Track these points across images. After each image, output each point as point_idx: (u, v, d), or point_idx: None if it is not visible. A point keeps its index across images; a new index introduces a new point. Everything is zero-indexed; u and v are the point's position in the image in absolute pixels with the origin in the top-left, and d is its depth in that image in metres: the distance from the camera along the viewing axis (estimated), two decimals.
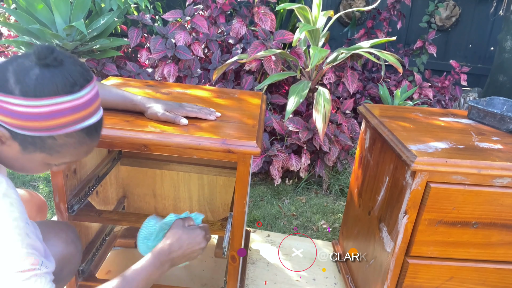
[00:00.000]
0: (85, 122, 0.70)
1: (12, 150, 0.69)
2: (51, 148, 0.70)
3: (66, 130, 0.68)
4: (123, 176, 1.53)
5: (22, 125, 0.65)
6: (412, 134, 1.14)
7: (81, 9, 2.56)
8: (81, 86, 0.68)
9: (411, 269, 1.10)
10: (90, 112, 0.71)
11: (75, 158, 0.75)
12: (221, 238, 1.58)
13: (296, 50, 2.21)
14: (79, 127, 0.70)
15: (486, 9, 3.74)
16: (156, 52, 2.24)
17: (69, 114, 0.67)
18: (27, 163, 0.72)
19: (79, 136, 0.71)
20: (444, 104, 2.87)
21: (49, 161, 0.73)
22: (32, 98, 0.64)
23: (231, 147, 0.94)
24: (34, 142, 0.68)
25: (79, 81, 0.68)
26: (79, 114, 0.69)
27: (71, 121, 0.68)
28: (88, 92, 0.70)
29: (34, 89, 0.64)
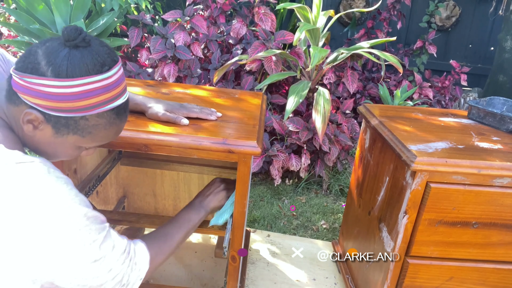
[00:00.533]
0: (115, 102, 0.72)
1: (45, 135, 0.70)
2: (83, 130, 0.71)
3: (98, 110, 0.70)
4: (123, 176, 1.53)
5: (56, 106, 0.67)
6: (412, 134, 1.14)
7: (81, 9, 2.56)
8: (110, 66, 0.70)
9: (411, 269, 1.10)
10: (119, 92, 0.73)
11: (105, 139, 0.76)
12: (221, 238, 1.58)
13: (296, 50, 2.21)
14: (110, 107, 0.71)
15: (486, 9, 3.74)
16: (156, 52, 2.24)
17: (100, 93, 0.69)
18: (60, 147, 0.73)
19: (109, 116, 0.72)
20: (444, 104, 2.87)
21: (81, 144, 0.74)
22: (65, 78, 0.65)
23: (232, 147, 0.94)
24: (67, 124, 0.69)
25: (107, 61, 0.70)
26: (110, 94, 0.71)
27: (102, 100, 0.70)
28: (116, 72, 0.71)
29: (66, 70, 0.65)
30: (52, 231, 0.64)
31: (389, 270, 1.12)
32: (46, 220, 0.64)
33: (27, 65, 0.66)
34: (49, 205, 0.65)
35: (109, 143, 0.97)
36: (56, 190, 0.66)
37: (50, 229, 0.64)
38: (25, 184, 0.64)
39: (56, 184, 0.66)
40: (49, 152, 0.75)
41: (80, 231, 0.66)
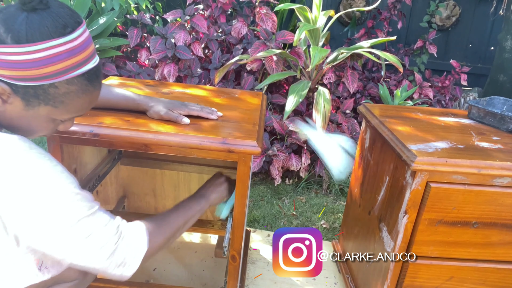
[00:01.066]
0: (84, 66, 0.69)
1: (16, 108, 0.67)
2: (54, 99, 0.68)
3: (66, 76, 0.67)
4: (123, 175, 1.53)
5: (21, 75, 0.64)
6: (412, 134, 1.14)
7: (81, 9, 2.56)
8: (73, 28, 0.67)
9: (411, 269, 1.10)
10: (87, 55, 0.69)
11: (80, 109, 0.73)
12: (221, 238, 1.58)
13: (296, 50, 2.21)
14: (79, 72, 0.68)
15: (486, 9, 3.74)
16: (156, 53, 2.24)
17: (66, 58, 0.66)
18: (34, 121, 0.70)
19: (80, 82, 0.69)
20: (444, 104, 2.87)
21: (55, 115, 0.71)
22: (25, 44, 0.62)
23: (232, 147, 0.94)
24: (36, 94, 0.66)
25: (69, 23, 0.66)
26: (77, 58, 0.67)
27: (70, 65, 0.67)
28: (80, 34, 0.68)
29: (26, 34, 0.62)
30: (39, 207, 0.63)
31: (389, 270, 1.12)
32: (32, 196, 0.62)
33: None
34: (35, 180, 0.63)
35: (109, 143, 0.97)
36: (40, 165, 0.64)
37: (38, 205, 0.63)
38: (6, 160, 0.62)
39: (40, 160, 0.64)
40: (23, 127, 0.71)
41: (69, 206, 0.65)
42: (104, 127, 0.95)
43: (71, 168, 1.10)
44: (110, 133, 0.95)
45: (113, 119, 1.00)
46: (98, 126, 0.95)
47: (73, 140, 0.98)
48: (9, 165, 0.62)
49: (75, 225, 0.66)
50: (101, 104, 1.04)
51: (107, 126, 0.96)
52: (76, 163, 1.14)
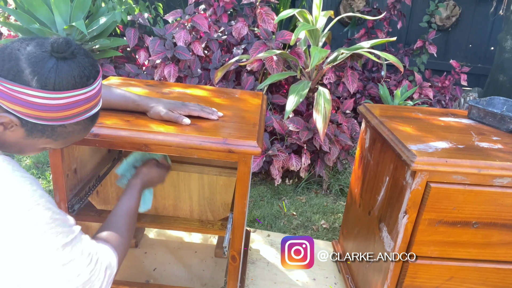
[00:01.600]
0: (93, 110, 0.73)
1: (16, 135, 0.69)
2: (58, 135, 0.71)
3: (77, 119, 0.70)
4: None
5: (38, 115, 0.66)
6: (412, 134, 1.14)
7: (81, 9, 2.56)
8: (94, 79, 0.71)
9: (411, 269, 1.10)
10: (97, 101, 0.74)
11: (73, 141, 0.77)
12: (222, 238, 1.58)
13: (296, 50, 2.21)
14: (88, 115, 0.72)
15: (486, 9, 3.74)
16: (156, 54, 2.24)
17: (82, 104, 0.70)
18: (27, 147, 0.72)
19: (85, 123, 0.73)
20: (444, 104, 2.87)
21: (51, 146, 0.74)
22: (52, 91, 0.65)
23: (232, 147, 0.94)
24: (43, 130, 0.69)
25: (92, 74, 0.70)
26: (91, 104, 0.72)
27: (83, 110, 0.71)
28: (99, 83, 0.72)
29: (54, 82, 0.65)
30: (15, 234, 0.62)
31: (389, 270, 1.12)
32: (9, 223, 0.62)
33: (7, 71, 0.63)
34: (12, 206, 0.62)
35: (109, 143, 0.97)
36: (19, 191, 0.64)
37: (14, 232, 0.62)
38: None
39: (20, 184, 0.64)
40: (12, 148, 0.72)
41: (45, 234, 0.64)
42: (104, 127, 0.95)
43: (71, 168, 1.10)
44: (110, 133, 0.95)
45: (113, 119, 1.00)
46: (98, 126, 0.95)
47: None
48: None
49: (51, 254, 0.65)
50: (101, 105, 1.03)
51: (107, 126, 0.96)
52: (76, 163, 1.14)
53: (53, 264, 0.65)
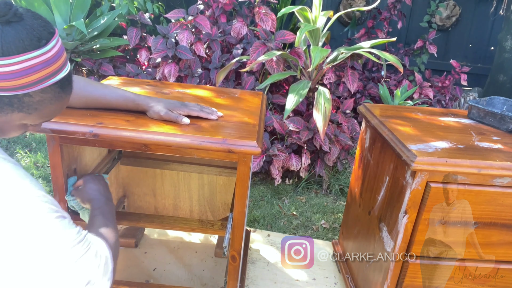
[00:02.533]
0: (57, 75, 0.70)
1: None
2: (29, 106, 0.69)
3: (40, 85, 0.68)
4: (123, 175, 1.53)
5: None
6: (412, 134, 1.14)
7: (81, 9, 2.56)
8: (47, 40, 0.68)
9: (411, 269, 1.10)
10: (60, 65, 0.71)
11: (52, 114, 0.75)
12: (222, 238, 1.58)
13: (296, 50, 2.21)
14: (52, 81, 0.70)
15: (486, 9, 3.74)
16: (157, 52, 2.24)
17: (41, 69, 0.67)
18: (5, 125, 0.71)
19: (53, 90, 0.71)
20: (444, 104, 2.87)
21: (27, 121, 0.72)
22: (1, 57, 0.63)
23: (232, 147, 0.94)
24: (10, 102, 0.67)
25: (44, 35, 0.67)
26: (51, 68, 0.69)
27: (44, 76, 0.68)
28: (54, 45, 0.69)
29: (1, 48, 0.63)
30: (24, 230, 0.64)
31: (389, 270, 1.12)
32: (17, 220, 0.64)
33: None
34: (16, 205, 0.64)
35: (109, 143, 0.97)
36: (22, 192, 0.65)
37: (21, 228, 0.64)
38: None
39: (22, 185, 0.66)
40: None
41: (56, 230, 0.67)
42: (104, 127, 0.95)
43: (71, 168, 1.10)
44: (110, 133, 0.95)
45: (113, 119, 1.00)
46: (98, 126, 0.95)
47: (73, 140, 0.98)
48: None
49: (65, 252, 0.68)
50: (101, 105, 1.03)
51: (107, 126, 0.96)
52: (76, 163, 1.14)
53: (66, 261, 0.67)
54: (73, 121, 0.96)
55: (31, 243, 0.65)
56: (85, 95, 1.02)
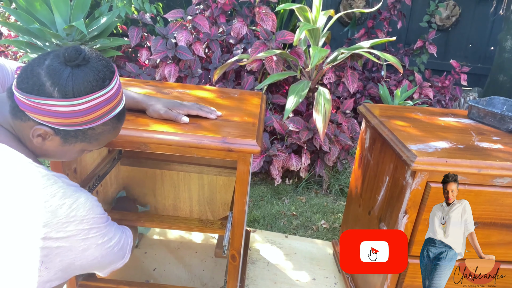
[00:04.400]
0: (116, 109, 0.77)
1: (54, 144, 0.75)
2: (90, 138, 0.77)
3: (103, 120, 0.75)
4: (123, 175, 1.53)
5: (65, 122, 0.71)
6: (412, 134, 1.14)
7: (81, 9, 2.56)
8: (110, 79, 0.74)
9: (411, 269, 1.10)
10: (119, 100, 0.78)
11: (108, 141, 0.83)
12: (221, 237, 1.58)
13: (296, 50, 2.21)
14: (113, 115, 0.77)
15: (486, 9, 3.74)
16: (157, 53, 2.24)
17: (104, 106, 0.74)
18: (67, 153, 0.79)
19: (112, 122, 0.78)
20: (444, 104, 2.87)
21: (87, 148, 0.80)
22: (72, 98, 0.69)
23: (231, 146, 0.94)
24: (76, 135, 0.74)
25: (107, 75, 0.74)
26: (112, 104, 0.76)
27: (106, 111, 0.75)
28: (115, 84, 0.76)
29: (72, 90, 0.69)
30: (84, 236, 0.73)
31: None
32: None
33: (32, 87, 0.68)
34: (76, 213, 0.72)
35: (109, 142, 0.97)
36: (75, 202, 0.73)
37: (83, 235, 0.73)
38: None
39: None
40: (56, 156, 0.80)
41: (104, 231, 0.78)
42: None
43: (71, 168, 1.10)
44: None
45: None
46: None
47: None
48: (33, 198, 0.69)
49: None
50: None
51: None
52: (76, 163, 1.14)
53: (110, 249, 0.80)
54: None
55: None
56: None
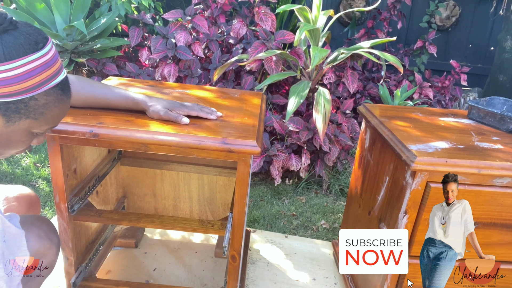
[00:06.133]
0: (57, 77, 0.75)
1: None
2: (35, 111, 0.73)
3: (44, 87, 0.72)
4: (123, 176, 1.53)
5: (3, 92, 0.68)
6: (412, 134, 1.14)
7: (81, 9, 2.56)
8: (44, 44, 0.72)
9: (411, 269, 1.10)
10: (58, 67, 0.75)
11: (56, 119, 0.79)
12: (222, 238, 1.58)
13: (296, 50, 2.21)
14: (54, 83, 0.74)
15: (486, 9, 3.74)
16: (157, 52, 2.24)
17: (42, 71, 0.71)
18: (13, 137, 0.74)
19: (56, 92, 0.75)
20: (444, 104, 2.87)
21: (34, 128, 0.76)
22: (3, 62, 0.67)
23: (231, 147, 0.94)
24: (17, 108, 0.71)
25: (40, 39, 0.72)
26: (51, 70, 0.73)
27: (46, 77, 0.72)
28: (50, 49, 0.74)
29: (3, 53, 0.67)
30: None
31: None
32: None
33: None
34: None
35: (109, 143, 0.97)
36: None
37: None
38: None
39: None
40: (1, 143, 0.75)
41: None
42: (104, 127, 0.95)
43: (71, 168, 1.10)
44: (110, 133, 0.95)
45: (113, 119, 1.00)
46: (98, 126, 0.95)
47: (73, 140, 0.98)
48: None
49: None
50: (101, 104, 1.04)
51: (107, 126, 0.96)
52: (76, 163, 1.14)
53: None
54: (73, 121, 0.96)
55: None
56: (84, 94, 1.02)
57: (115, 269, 1.45)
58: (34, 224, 0.97)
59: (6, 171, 2.20)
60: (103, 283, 1.21)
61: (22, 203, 1.08)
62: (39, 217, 1.01)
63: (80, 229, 1.21)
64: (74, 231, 1.15)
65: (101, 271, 1.42)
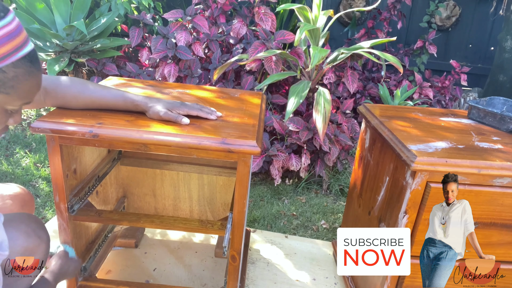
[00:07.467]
0: (24, 48, 0.73)
1: None
2: (5, 84, 0.71)
3: (11, 58, 0.70)
4: (123, 176, 1.53)
5: None
6: (412, 134, 1.14)
7: (81, 9, 2.56)
8: (5, 13, 0.70)
9: (411, 269, 1.10)
10: (24, 38, 0.73)
11: (29, 93, 0.77)
12: (222, 238, 1.58)
13: (296, 50, 2.21)
14: (21, 54, 0.72)
15: (486, 9, 3.74)
16: (157, 52, 2.24)
17: (7, 41, 0.69)
18: None
19: (24, 64, 0.73)
20: (444, 104, 2.87)
21: (7, 103, 0.74)
22: None
23: (231, 147, 0.94)
24: None
25: (0, 9, 0.70)
26: (16, 41, 0.71)
27: (12, 48, 0.70)
28: (13, 19, 0.72)
29: None
30: None
31: None
32: None
33: None
34: None
35: (109, 143, 0.97)
36: None
37: None
38: None
39: None
40: None
41: None
42: (104, 127, 0.95)
43: (70, 168, 1.10)
44: (110, 133, 0.95)
45: (113, 119, 1.00)
46: (98, 126, 0.95)
47: (73, 140, 0.98)
48: None
49: None
50: (100, 106, 1.03)
51: (107, 126, 0.96)
52: (76, 163, 1.14)
53: None
54: (73, 121, 0.96)
55: None
56: (83, 97, 1.02)
57: (115, 269, 1.45)
58: (22, 221, 0.95)
59: (6, 171, 2.20)
60: (103, 283, 1.21)
61: (15, 202, 1.08)
62: (27, 215, 0.99)
63: (80, 229, 1.21)
64: (74, 231, 1.15)
65: (101, 271, 1.42)
